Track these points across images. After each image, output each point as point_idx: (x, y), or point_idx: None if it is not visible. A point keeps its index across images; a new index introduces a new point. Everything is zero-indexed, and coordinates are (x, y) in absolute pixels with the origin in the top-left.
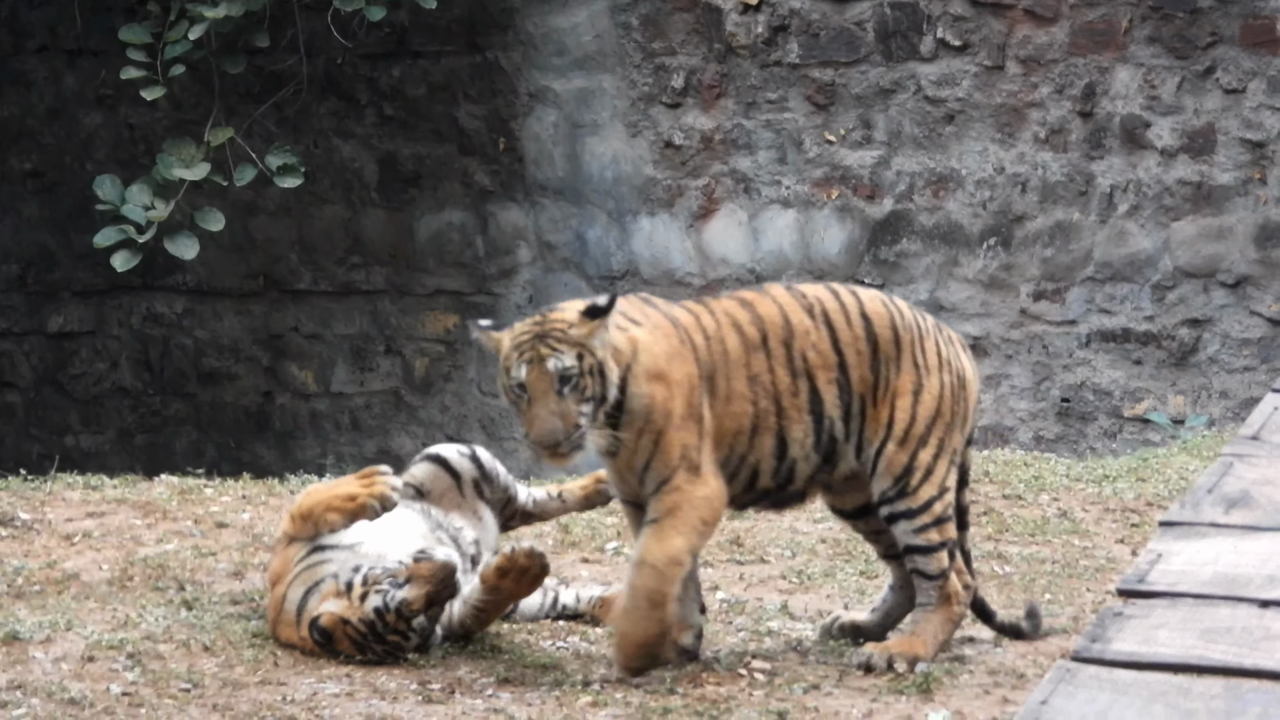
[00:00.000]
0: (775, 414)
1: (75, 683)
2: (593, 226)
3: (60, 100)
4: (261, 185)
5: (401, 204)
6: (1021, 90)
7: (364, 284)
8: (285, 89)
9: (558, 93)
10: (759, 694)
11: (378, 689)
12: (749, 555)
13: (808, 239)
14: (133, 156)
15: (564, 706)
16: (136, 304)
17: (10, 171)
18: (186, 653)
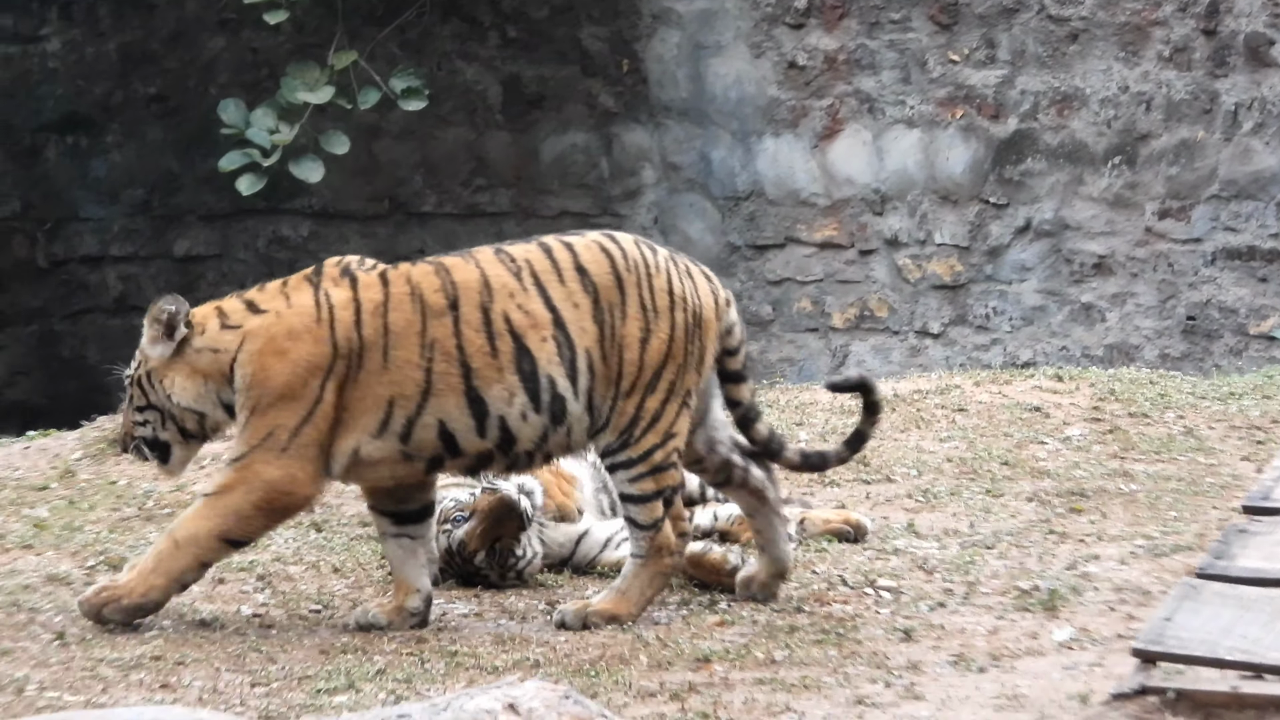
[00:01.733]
0: (461, 375)
1: (206, 605)
2: (717, 147)
3: (182, 24)
4: (385, 108)
5: (525, 126)
6: (1145, 8)
7: (489, 206)
8: (408, 11)
9: (680, 13)
10: (885, 612)
11: (506, 609)
12: (875, 475)
13: (932, 159)
14: (256, 80)
15: (690, 626)
16: (262, 227)
17: (134, 96)
18: (316, 574)
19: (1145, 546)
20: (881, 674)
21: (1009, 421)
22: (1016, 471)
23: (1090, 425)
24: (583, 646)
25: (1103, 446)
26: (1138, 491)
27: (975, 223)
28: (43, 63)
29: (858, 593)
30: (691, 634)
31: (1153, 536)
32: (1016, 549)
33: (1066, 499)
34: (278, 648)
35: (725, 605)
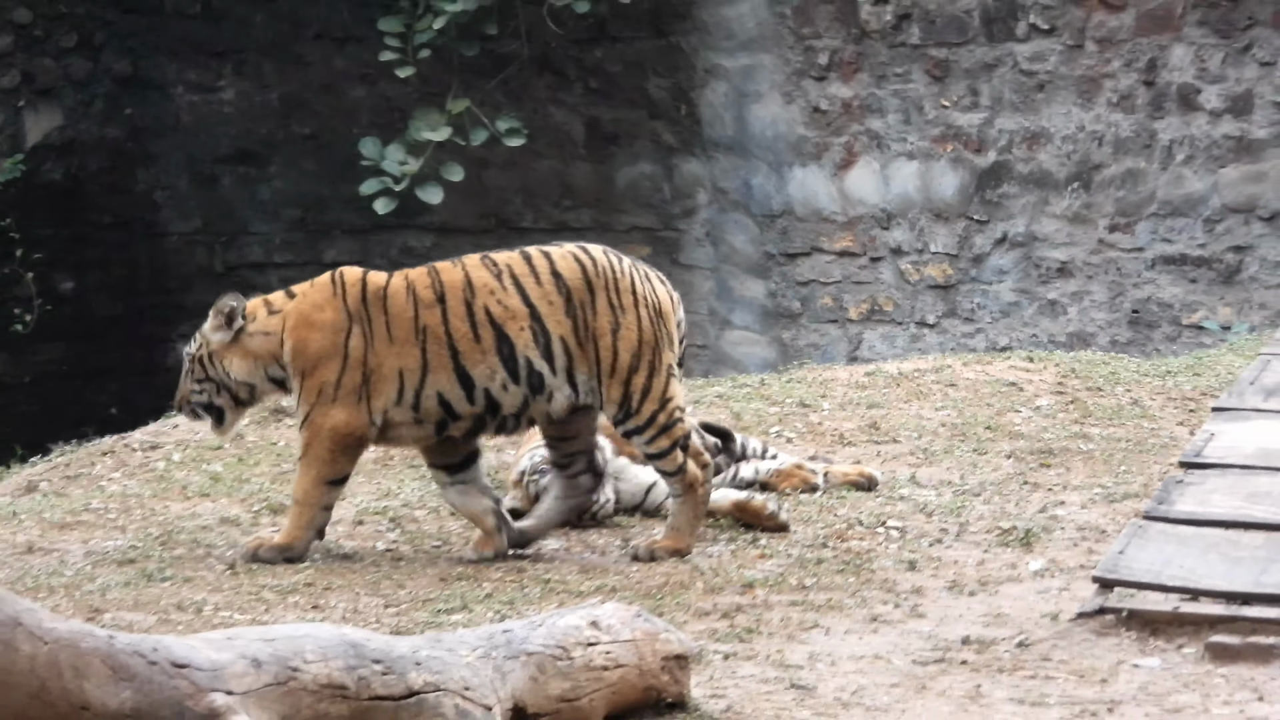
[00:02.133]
0: (450, 356)
1: (348, 541)
2: (756, 175)
3: (331, 77)
4: (492, 144)
5: (603, 158)
6: (1097, 64)
7: (574, 222)
8: (510, 67)
9: (728, 68)
10: (893, 547)
11: (589, 545)
12: (884, 437)
13: (928, 184)
14: (390, 122)
15: (737, 557)
16: (394, 240)
17: (292, 135)
18: (436, 517)
19: (1101, 494)
20: (891, 597)
21: (990, 394)
22: (997, 434)
23: (1056, 397)
24: (650, 575)
25: (1066, 414)
26: (1094, 450)
27: (963, 235)
28: (220, 108)
29: (871, 531)
30: (738, 565)
31: (1107, 486)
32: (998, 496)
33: (1038, 456)
34: (406, 576)
35: (765, 542)
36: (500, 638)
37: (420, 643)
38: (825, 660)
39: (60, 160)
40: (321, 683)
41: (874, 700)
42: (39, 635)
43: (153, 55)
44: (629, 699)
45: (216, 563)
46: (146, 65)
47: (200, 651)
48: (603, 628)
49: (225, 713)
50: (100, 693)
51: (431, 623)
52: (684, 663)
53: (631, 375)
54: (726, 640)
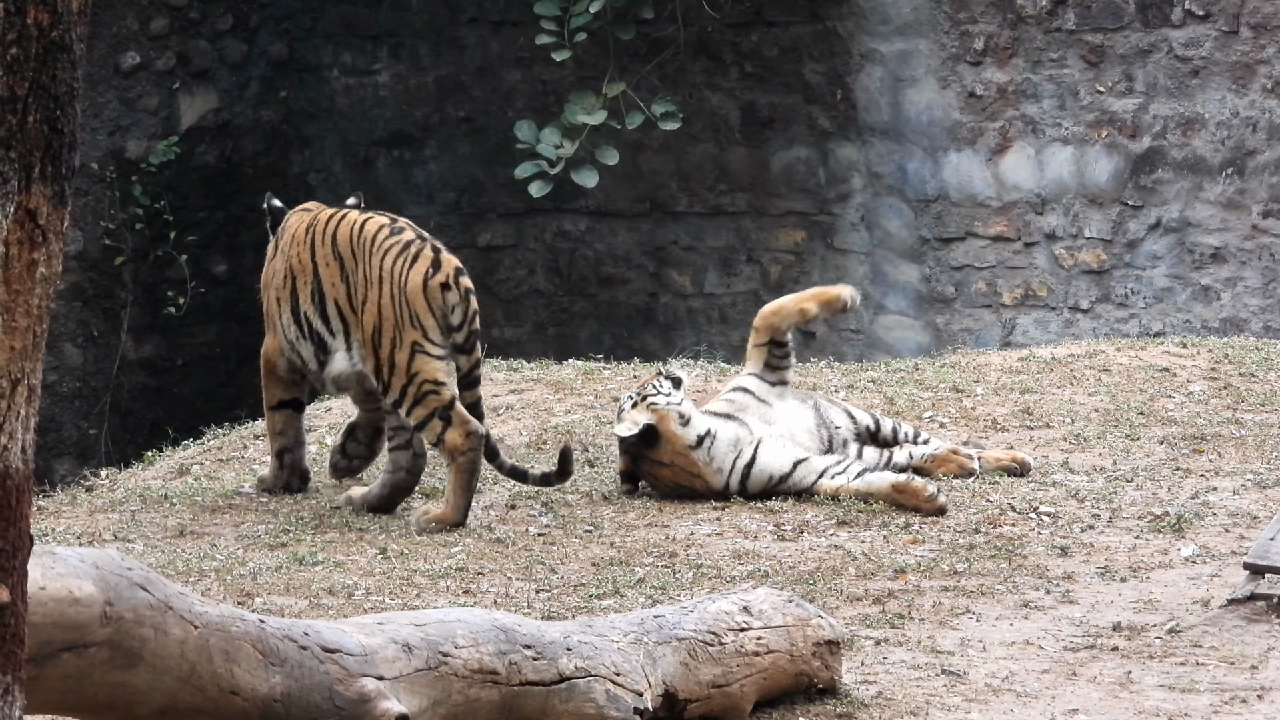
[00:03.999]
0: (276, 304)
1: (501, 526)
2: (911, 160)
3: (487, 61)
4: (648, 128)
5: (759, 142)
6: (1252, 50)
7: (729, 206)
8: (666, 51)
9: (883, 53)
10: (1045, 533)
11: (742, 529)
12: (1037, 422)
13: (1082, 169)
14: (545, 105)
15: (889, 542)
16: (549, 223)
17: (448, 118)
18: (589, 501)
19: (1253, 480)
20: (1043, 583)
21: (1143, 380)
22: (1150, 420)
23: (1209, 383)
24: (803, 560)
25: (1218, 400)
26: (1247, 436)
27: (1117, 221)
28: (375, 91)
29: (1023, 517)
30: (890, 550)
31: (1259, 472)
32: (1150, 482)
33: (1190, 442)
34: (558, 561)
35: (917, 527)
36: (651, 623)
37: (571, 628)
38: (976, 646)
39: (215, 143)
40: (472, 668)
41: (1024, 686)
42: (190, 619)
43: (308, 38)
44: (780, 684)
45: (368, 547)
46: (302, 48)
47: (351, 636)
48: (754, 613)
49: (376, 698)
50: (250, 677)
51: (583, 608)
52: (835, 648)
53: (378, 349)
54: (878, 626)
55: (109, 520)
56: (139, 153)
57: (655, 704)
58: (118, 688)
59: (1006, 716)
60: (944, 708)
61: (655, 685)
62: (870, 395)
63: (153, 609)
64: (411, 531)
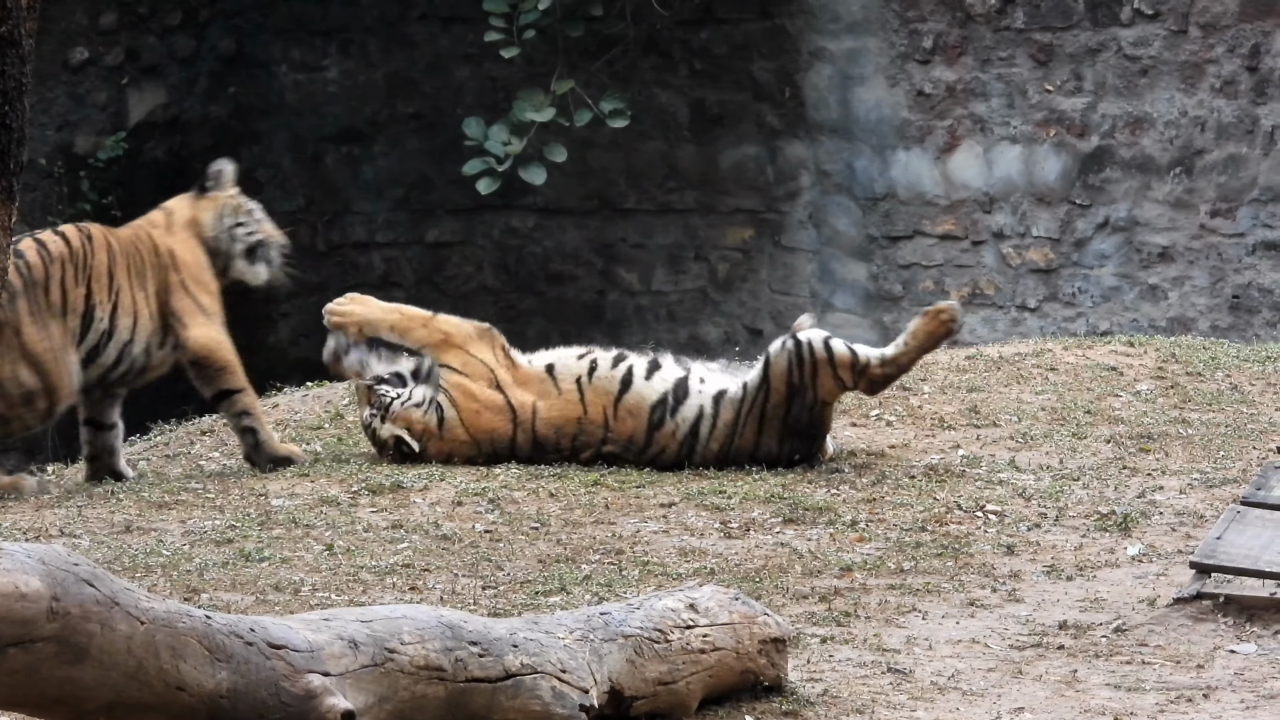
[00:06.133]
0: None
1: (447, 522)
2: (860, 158)
3: (436, 57)
4: (596, 125)
5: (708, 140)
6: (1201, 49)
7: (678, 204)
8: (616, 48)
9: (832, 51)
10: (992, 531)
11: (688, 527)
12: (984, 420)
13: (1031, 168)
14: (494, 102)
15: (835, 541)
16: (497, 220)
17: (397, 114)
18: (536, 498)
19: (1200, 479)
20: (989, 581)
21: (1090, 379)
22: (1096, 419)
23: (1156, 382)
24: (749, 557)
25: (1165, 399)
26: (1194, 435)
27: (1065, 220)
28: (324, 87)
29: (970, 515)
30: (837, 548)
31: (1206, 471)
32: (1097, 481)
33: (1137, 441)
34: (504, 558)
35: (864, 524)
36: (598, 620)
37: (518, 625)
38: (922, 644)
39: (163, 138)
40: (419, 664)
41: (971, 684)
42: (136, 615)
43: (258, 33)
44: (726, 682)
45: (315, 543)
46: (251, 43)
47: (297, 632)
48: (700, 610)
49: (322, 694)
50: (197, 673)
51: (529, 605)
52: (781, 646)
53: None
54: (824, 624)
55: (55, 516)
56: (88, 148)
57: (601, 701)
58: (65, 683)
59: (952, 715)
60: (890, 705)
61: (601, 682)
62: None
63: (99, 605)
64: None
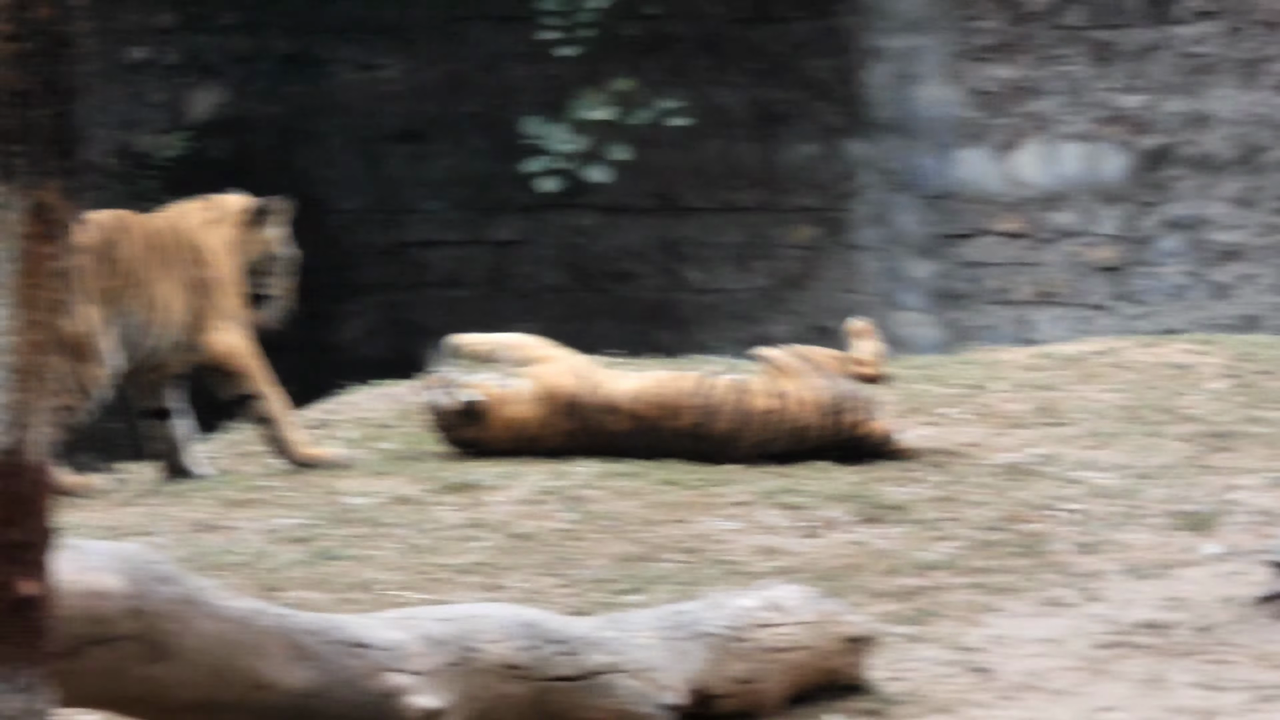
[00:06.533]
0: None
1: (526, 521)
2: (921, 156)
3: (496, 55)
4: (657, 124)
5: (768, 138)
6: (1260, 46)
7: (739, 202)
8: (676, 47)
9: (892, 49)
10: (1069, 530)
11: (765, 525)
12: (1056, 419)
13: (1091, 167)
14: (555, 101)
15: (913, 539)
16: (559, 219)
17: (458, 113)
18: (612, 497)
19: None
20: (1069, 580)
21: (1162, 377)
22: (1169, 417)
23: (1228, 380)
24: (828, 556)
25: (1238, 397)
26: (1268, 433)
27: (1129, 218)
28: (383, 86)
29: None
30: (915, 547)
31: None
32: (1172, 479)
33: (1211, 440)
34: (582, 557)
35: (941, 523)
36: (678, 619)
37: (598, 623)
38: (1004, 643)
39: (225, 137)
40: (499, 663)
41: (1053, 683)
42: (216, 613)
43: (316, 33)
44: (808, 681)
45: (392, 542)
46: (310, 43)
47: (378, 631)
48: (781, 609)
49: (404, 692)
50: (277, 672)
51: (608, 603)
52: (862, 645)
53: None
54: (905, 622)
55: (133, 514)
56: (148, 148)
57: (682, 700)
58: (147, 681)
59: (1038, 713)
60: (974, 704)
61: (682, 682)
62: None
63: (179, 603)
64: (436, 527)
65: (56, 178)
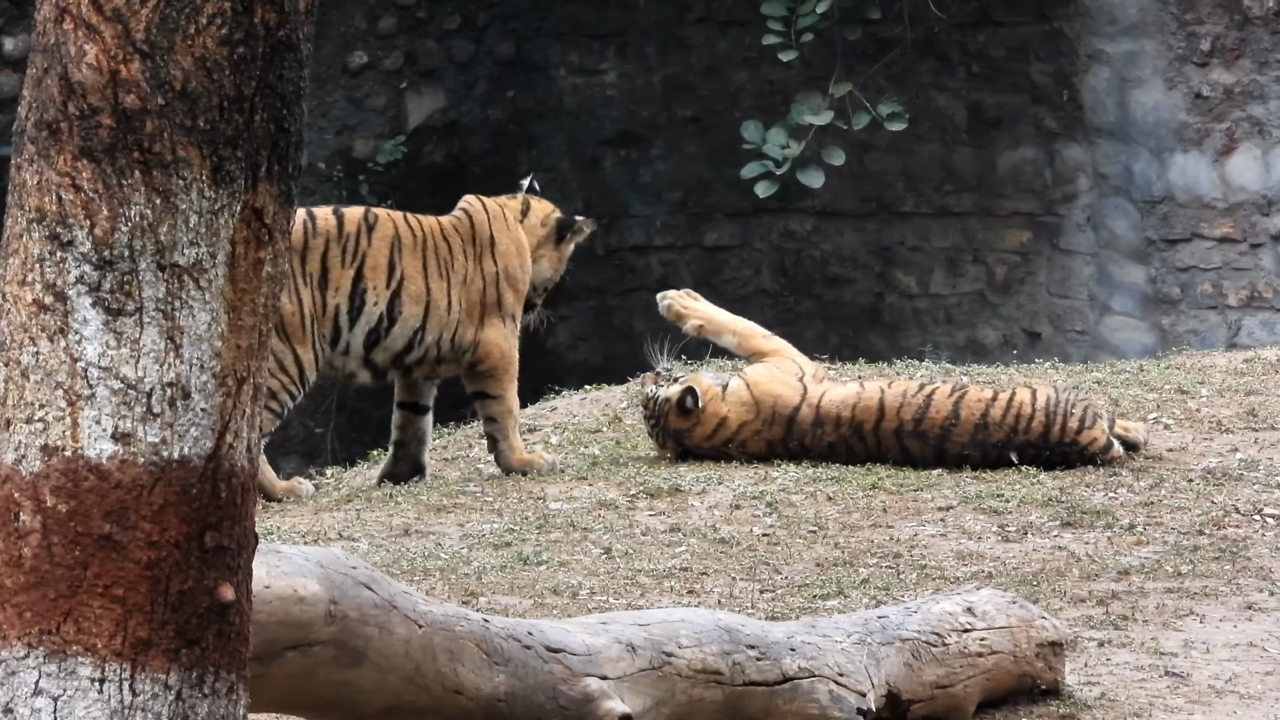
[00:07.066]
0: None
1: (725, 526)
2: (1137, 161)
3: (714, 60)
4: (874, 128)
5: (985, 143)
6: None
7: (955, 207)
8: (893, 51)
9: (1110, 53)
10: (1270, 535)
11: (965, 530)
12: (1262, 424)
13: None
14: (772, 105)
15: (1113, 544)
16: (775, 223)
17: (674, 118)
18: (813, 502)
19: None
20: (1267, 585)
21: None
22: None
23: None
24: (1027, 561)
25: None
26: None
27: None
28: (602, 91)
29: (1247, 519)
30: (1114, 551)
31: None
32: None
33: None
34: (782, 561)
35: (1141, 528)
36: (875, 623)
37: (795, 628)
38: (1200, 648)
39: (442, 142)
40: (696, 668)
41: (1248, 688)
42: (414, 618)
43: (536, 37)
44: (1003, 685)
45: (593, 546)
46: (529, 47)
47: (575, 636)
48: (978, 614)
49: (600, 698)
50: (475, 677)
51: (806, 608)
52: (1059, 649)
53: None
54: (1101, 627)
55: (334, 519)
56: (366, 152)
57: (878, 704)
58: (343, 686)
59: (1231, 718)
60: (1167, 709)
61: (878, 686)
62: (1095, 396)
63: (377, 608)
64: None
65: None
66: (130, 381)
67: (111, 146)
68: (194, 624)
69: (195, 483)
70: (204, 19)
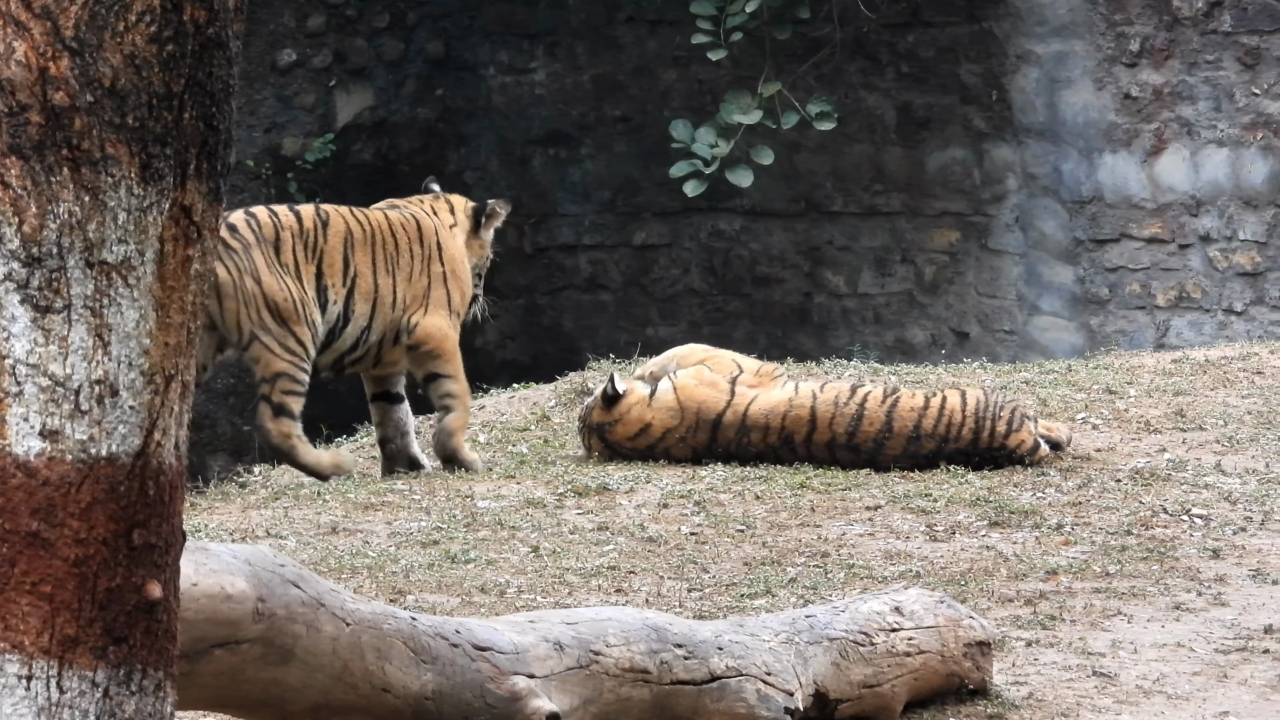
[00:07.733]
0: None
1: (653, 524)
2: (1066, 161)
3: (644, 60)
4: (803, 128)
5: (914, 143)
6: None
7: (884, 207)
8: (822, 51)
9: (1039, 54)
10: (1198, 535)
11: (893, 530)
12: (1189, 424)
13: (1237, 172)
14: (701, 105)
15: (1041, 544)
16: (704, 222)
17: (604, 117)
18: (741, 501)
19: None
20: (1194, 585)
21: None
22: None
23: None
24: (955, 560)
25: None
26: None
27: (1272, 223)
28: (532, 90)
29: (1175, 519)
30: (1042, 551)
31: None
32: None
33: None
34: (709, 560)
35: (1069, 528)
36: (803, 623)
37: (723, 627)
38: (1127, 648)
39: (371, 140)
40: (624, 667)
41: (1176, 688)
42: (342, 616)
43: (465, 36)
44: (931, 685)
45: (520, 545)
46: (459, 46)
47: (503, 634)
48: (906, 613)
49: (527, 696)
50: (402, 675)
51: (734, 607)
52: (986, 649)
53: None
54: (1029, 627)
55: (262, 516)
56: (295, 150)
57: (806, 704)
58: (271, 685)
59: (1157, 718)
60: (1095, 709)
61: (806, 685)
62: (1023, 396)
63: (305, 606)
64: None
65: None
66: (58, 379)
67: (40, 144)
68: (121, 621)
69: (123, 480)
70: (133, 16)
